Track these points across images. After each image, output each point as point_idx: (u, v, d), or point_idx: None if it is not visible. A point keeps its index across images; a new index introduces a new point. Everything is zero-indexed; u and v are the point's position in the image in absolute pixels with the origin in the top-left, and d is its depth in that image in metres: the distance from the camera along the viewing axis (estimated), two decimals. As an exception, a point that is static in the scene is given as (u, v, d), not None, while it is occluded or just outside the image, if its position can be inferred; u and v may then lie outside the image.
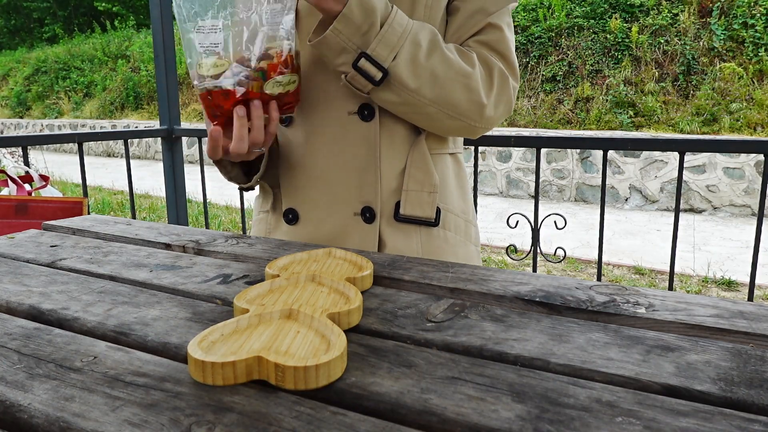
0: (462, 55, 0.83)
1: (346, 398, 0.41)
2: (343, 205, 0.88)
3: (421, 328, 0.53)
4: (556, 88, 7.39)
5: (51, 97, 13.65)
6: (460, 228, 0.95)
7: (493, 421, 0.38)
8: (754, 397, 0.41)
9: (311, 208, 0.91)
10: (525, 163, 6.56)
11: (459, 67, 0.81)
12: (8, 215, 1.61)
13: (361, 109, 0.86)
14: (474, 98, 0.83)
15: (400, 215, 0.88)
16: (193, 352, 0.44)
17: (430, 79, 0.80)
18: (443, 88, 0.81)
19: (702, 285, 3.61)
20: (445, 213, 0.92)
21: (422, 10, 0.84)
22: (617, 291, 0.63)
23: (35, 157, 9.39)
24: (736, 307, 0.58)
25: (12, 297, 0.62)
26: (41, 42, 17.52)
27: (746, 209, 5.54)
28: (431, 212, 0.89)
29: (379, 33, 0.76)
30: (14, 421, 0.39)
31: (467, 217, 0.97)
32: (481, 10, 0.85)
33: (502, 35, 0.86)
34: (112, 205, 6.23)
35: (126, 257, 0.78)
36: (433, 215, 0.89)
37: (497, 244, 4.54)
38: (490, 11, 0.85)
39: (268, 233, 0.97)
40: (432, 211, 0.89)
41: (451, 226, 0.94)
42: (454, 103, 0.82)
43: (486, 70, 0.84)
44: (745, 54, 6.59)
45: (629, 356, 0.47)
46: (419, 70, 0.79)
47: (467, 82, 0.82)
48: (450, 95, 0.82)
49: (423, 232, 0.90)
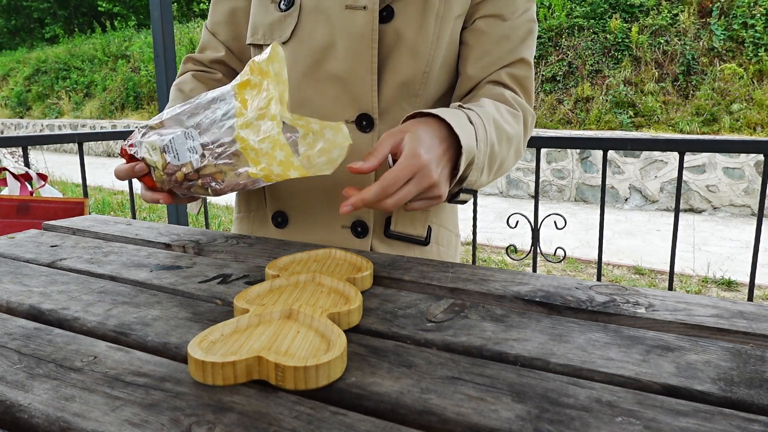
0: (514, 118, 0.83)
1: (346, 398, 0.41)
2: (336, 217, 0.87)
3: (421, 328, 0.53)
4: (556, 88, 7.38)
5: (51, 97, 13.65)
6: (451, 243, 0.96)
7: (493, 421, 0.38)
8: (754, 397, 0.41)
9: (302, 215, 0.90)
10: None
11: (516, 136, 0.83)
12: (10, 215, 1.61)
13: (359, 119, 0.85)
14: (519, 157, 0.87)
15: (390, 231, 0.88)
16: (193, 352, 0.44)
17: (498, 165, 0.82)
18: (503, 167, 0.84)
19: (702, 285, 3.61)
20: (438, 228, 0.92)
21: (433, 20, 0.82)
22: (617, 291, 0.63)
23: (35, 157, 9.39)
24: (736, 307, 0.58)
25: (12, 297, 0.62)
26: (41, 42, 17.52)
27: (746, 209, 5.54)
28: (422, 230, 0.88)
29: (473, 167, 0.74)
30: (14, 421, 0.39)
31: (456, 231, 0.98)
32: (506, 38, 0.86)
33: (530, 73, 0.89)
34: (112, 205, 6.23)
35: (126, 257, 0.78)
36: (424, 233, 0.89)
37: (497, 244, 4.54)
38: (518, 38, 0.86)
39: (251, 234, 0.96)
40: (423, 229, 0.88)
41: (444, 241, 0.94)
42: (509, 167, 0.86)
43: (523, 116, 0.86)
44: (745, 54, 6.59)
45: (629, 356, 0.47)
46: (492, 166, 0.80)
47: (518, 149, 0.85)
48: (507, 166, 0.85)
49: (415, 249, 0.90)
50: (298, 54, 0.85)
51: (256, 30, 0.89)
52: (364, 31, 0.81)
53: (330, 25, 0.82)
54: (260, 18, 0.88)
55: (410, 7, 0.82)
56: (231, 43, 0.97)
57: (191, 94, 0.93)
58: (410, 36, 0.82)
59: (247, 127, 0.60)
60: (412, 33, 0.82)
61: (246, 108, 0.61)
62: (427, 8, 0.82)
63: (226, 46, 0.97)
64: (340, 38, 0.82)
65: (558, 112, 7.20)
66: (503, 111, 0.82)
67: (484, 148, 0.74)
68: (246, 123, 0.60)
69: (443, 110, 0.72)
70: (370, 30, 0.81)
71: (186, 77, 0.97)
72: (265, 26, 0.87)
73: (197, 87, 0.95)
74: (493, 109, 0.80)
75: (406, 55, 0.83)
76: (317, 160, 0.64)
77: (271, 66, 0.61)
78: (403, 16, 0.82)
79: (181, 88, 0.95)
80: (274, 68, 0.61)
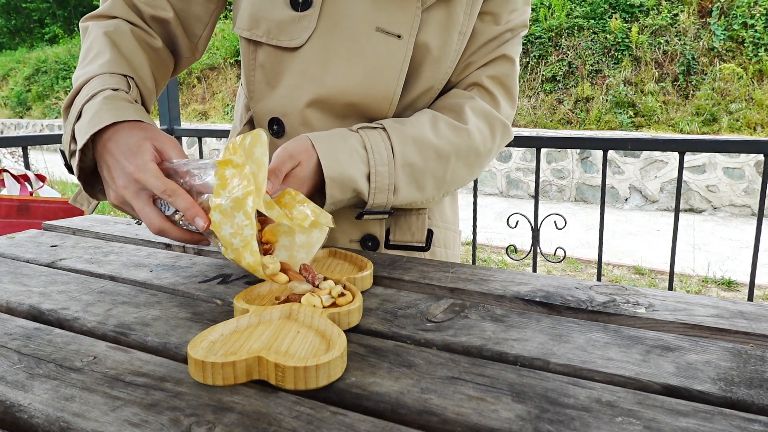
0: (454, 130, 0.79)
1: (346, 398, 0.41)
2: (345, 230, 0.86)
3: (421, 328, 0.53)
4: (556, 88, 7.38)
5: (51, 97, 13.64)
6: (455, 242, 0.96)
7: (493, 421, 0.38)
8: (754, 397, 0.41)
9: None
10: (525, 163, 6.55)
11: (456, 151, 0.79)
12: (10, 215, 1.61)
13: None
14: (477, 167, 0.84)
15: (389, 242, 0.86)
16: (193, 352, 0.44)
17: (433, 182, 0.79)
18: (446, 181, 0.81)
19: (702, 285, 3.61)
20: (438, 230, 0.91)
21: (456, 37, 0.79)
22: (617, 291, 0.63)
23: (35, 157, 9.38)
24: (736, 307, 0.58)
25: (12, 297, 0.62)
26: (41, 42, 17.51)
27: (746, 209, 5.54)
28: (421, 236, 0.87)
29: (369, 190, 0.73)
30: (14, 421, 0.39)
31: (455, 227, 0.97)
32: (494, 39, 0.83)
33: (512, 69, 0.85)
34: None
35: (126, 257, 0.78)
36: (423, 239, 0.87)
37: (497, 244, 4.54)
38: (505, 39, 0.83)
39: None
40: (422, 235, 0.87)
41: (449, 243, 0.94)
42: (462, 182, 0.83)
43: (488, 126, 0.82)
44: (745, 54, 6.59)
45: (629, 356, 0.47)
46: (422, 184, 0.78)
47: (467, 160, 0.81)
48: (455, 180, 0.82)
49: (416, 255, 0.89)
50: (310, 65, 0.76)
51: (257, 23, 0.77)
52: (394, 61, 0.75)
53: (353, 45, 0.75)
54: (265, 11, 0.76)
55: (435, 19, 0.77)
56: (178, 4, 0.83)
57: (126, 54, 0.77)
58: (434, 50, 0.78)
59: (222, 213, 0.56)
60: (436, 47, 0.78)
61: (224, 188, 0.57)
62: (451, 23, 0.78)
63: (173, 6, 0.82)
64: (363, 61, 0.75)
65: (558, 112, 7.20)
66: (441, 126, 0.78)
67: (386, 170, 0.73)
68: (221, 209, 0.56)
69: (328, 137, 0.72)
70: (400, 61, 0.75)
71: (123, 30, 0.79)
72: (271, 23, 0.76)
73: (133, 50, 0.78)
74: (425, 126, 0.77)
75: (428, 67, 0.79)
76: (297, 254, 0.63)
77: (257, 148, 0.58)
78: (429, 29, 0.77)
79: (115, 41, 0.77)
80: (257, 151, 0.58)
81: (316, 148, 0.70)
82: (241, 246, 0.56)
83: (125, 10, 0.81)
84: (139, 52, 0.79)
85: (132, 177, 0.62)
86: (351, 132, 0.74)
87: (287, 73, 0.78)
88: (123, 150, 0.63)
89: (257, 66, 0.80)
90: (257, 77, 0.81)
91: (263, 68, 0.80)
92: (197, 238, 0.65)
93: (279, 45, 0.77)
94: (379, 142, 0.74)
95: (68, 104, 0.72)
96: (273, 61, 0.79)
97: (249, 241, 0.56)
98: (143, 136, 0.65)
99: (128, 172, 0.62)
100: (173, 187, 0.60)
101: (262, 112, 0.82)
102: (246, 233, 0.56)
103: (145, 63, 0.79)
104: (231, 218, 0.56)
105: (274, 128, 0.82)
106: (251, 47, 0.80)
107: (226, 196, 0.56)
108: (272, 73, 0.79)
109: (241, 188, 0.55)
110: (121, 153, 0.63)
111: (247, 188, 0.55)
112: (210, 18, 0.86)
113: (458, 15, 0.78)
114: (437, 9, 0.76)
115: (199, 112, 10.47)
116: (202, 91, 10.72)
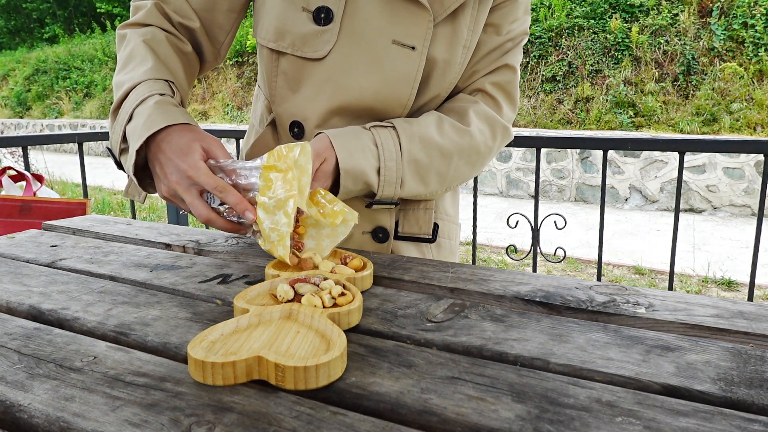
0: (457, 131, 0.84)
1: (346, 398, 0.41)
2: (358, 224, 0.88)
3: (421, 328, 0.53)
4: (556, 88, 7.38)
5: (51, 97, 13.64)
6: (452, 233, 0.99)
7: (493, 421, 0.38)
8: (754, 397, 0.41)
9: None
10: (525, 163, 6.55)
11: (458, 150, 0.84)
12: (12, 215, 1.61)
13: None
14: (478, 166, 0.89)
15: (398, 234, 0.91)
16: (193, 352, 0.44)
17: (436, 178, 0.85)
18: (449, 177, 0.86)
19: (702, 285, 3.61)
20: (443, 223, 0.96)
21: (460, 50, 0.84)
22: (617, 291, 0.63)
23: (35, 157, 9.38)
24: (736, 307, 0.58)
25: (12, 297, 0.62)
26: (41, 42, 17.52)
27: (746, 209, 5.54)
28: (428, 229, 0.91)
29: (379, 183, 0.79)
30: (14, 421, 0.39)
31: (457, 220, 1.01)
32: (496, 49, 0.88)
33: (514, 76, 0.91)
34: (112, 205, 6.23)
35: (126, 257, 0.78)
36: (430, 231, 0.91)
37: (497, 244, 4.54)
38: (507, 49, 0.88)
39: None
40: (429, 228, 0.91)
41: (452, 234, 0.98)
42: (463, 178, 0.89)
43: (489, 129, 0.88)
44: (745, 54, 6.59)
45: (629, 356, 0.47)
46: (426, 179, 0.83)
47: (469, 159, 0.86)
48: (457, 177, 0.87)
49: (423, 247, 0.94)
50: (331, 74, 0.81)
51: (282, 36, 0.82)
52: (408, 71, 0.81)
53: (371, 56, 0.80)
54: (290, 25, 0.81)
55: (442, 34, 0.82)
56: (204, 14, 0.87)
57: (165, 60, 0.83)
58: (441, 63, 0.83)
59: (265, 210, 0.66)
60: (442, 60, 0.83)
61: (269, 189, 0.66)
62: (456, 38, 0.83)
63: (198, 16, 0.87)
64: (380, 71, 0.81)
65: (558, 112, 7.20)
66: (446, 127, 0.84)
67: (394, 165, 0.79)
68: (265, 206, 0.66)
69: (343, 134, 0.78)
70: (414, 71, 0.81)
71: (160, 37, 0.85)
72: (296, 36, 0.81)
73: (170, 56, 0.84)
74: (431, 127, 0.83)
75: (436, 78, 0.85)
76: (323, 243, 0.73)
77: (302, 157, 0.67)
78: (436, 43, 0.82)
79: (154, 49, 0.83)
80: (302, 160, 0.67)
81: (333, 145, 0.77)
82: (277, 240, 0.66)
83: (159, 19, 0.87)
84: (174, 57, 0.85)
85: (185, 174, 0.69)
86: (364, 129, 0.80)
87: (309, 80, 0.83)
88: (175, 150, 0.71)
89: (279, 73, 0.86)
90: (279, 83, 0.86)
91: (285, 75, 0.85)
92: (237, 227, 0.72)
93: (303, 56, 0.82)
94: (389, 139, 0.80)
95: (116, 107, 0.79)
96: (295, 69, 0.84)
97: (284, 236, 0.65)
98: (193, 137, 0.72)
99: (181, 170, 0.70)
100: (223, 185, 0.69)
101: (284, 115, 0.88)
102: (283, 230, 0.65)
103: (180, 67, 0.86)
104: (272, 215, 0.66)
105: (294, 130, 0.88)
106: (274, 56, 0.85)
107: (270, 196, 0.66)
108: (294, 80, 0.85)
109: (284, 191, 0.65)
110: (174, 152, 0.71)
111: (289, 191, 0.65)
112: (232, 26, 0.92)
113: (463, 31, 0.83)
114: (444, 25, 0.82)
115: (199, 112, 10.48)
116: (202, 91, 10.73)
